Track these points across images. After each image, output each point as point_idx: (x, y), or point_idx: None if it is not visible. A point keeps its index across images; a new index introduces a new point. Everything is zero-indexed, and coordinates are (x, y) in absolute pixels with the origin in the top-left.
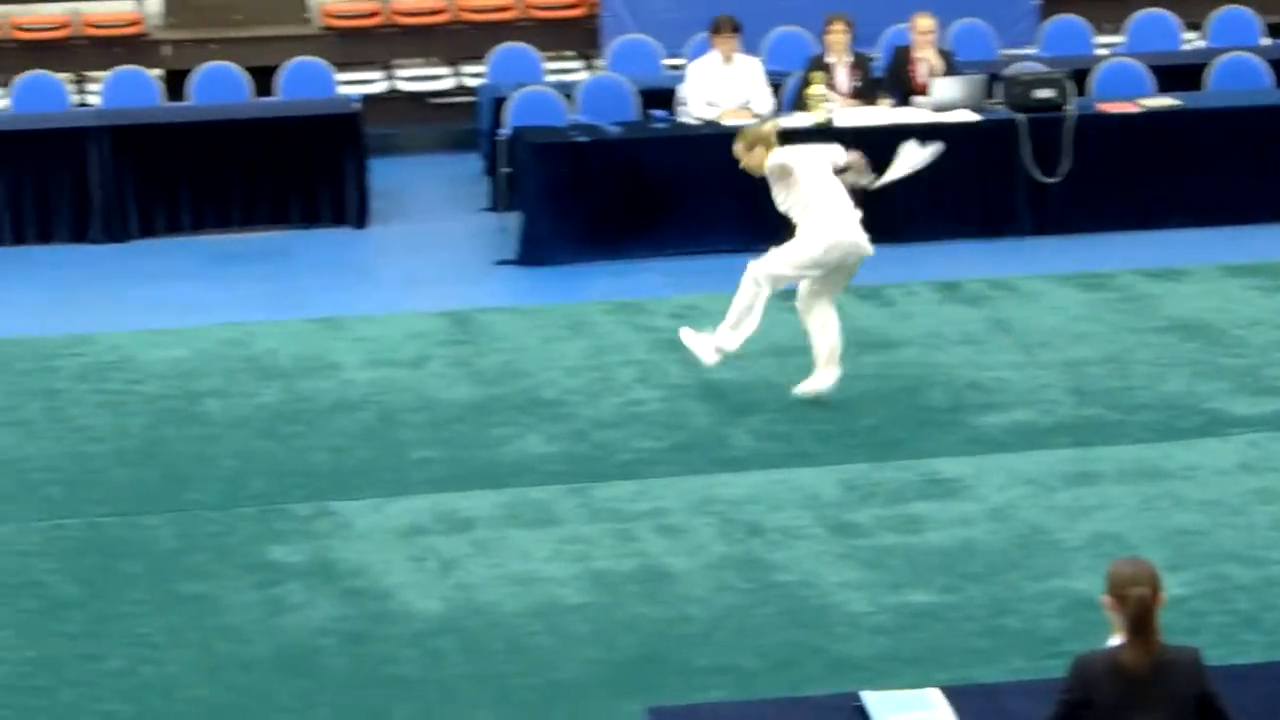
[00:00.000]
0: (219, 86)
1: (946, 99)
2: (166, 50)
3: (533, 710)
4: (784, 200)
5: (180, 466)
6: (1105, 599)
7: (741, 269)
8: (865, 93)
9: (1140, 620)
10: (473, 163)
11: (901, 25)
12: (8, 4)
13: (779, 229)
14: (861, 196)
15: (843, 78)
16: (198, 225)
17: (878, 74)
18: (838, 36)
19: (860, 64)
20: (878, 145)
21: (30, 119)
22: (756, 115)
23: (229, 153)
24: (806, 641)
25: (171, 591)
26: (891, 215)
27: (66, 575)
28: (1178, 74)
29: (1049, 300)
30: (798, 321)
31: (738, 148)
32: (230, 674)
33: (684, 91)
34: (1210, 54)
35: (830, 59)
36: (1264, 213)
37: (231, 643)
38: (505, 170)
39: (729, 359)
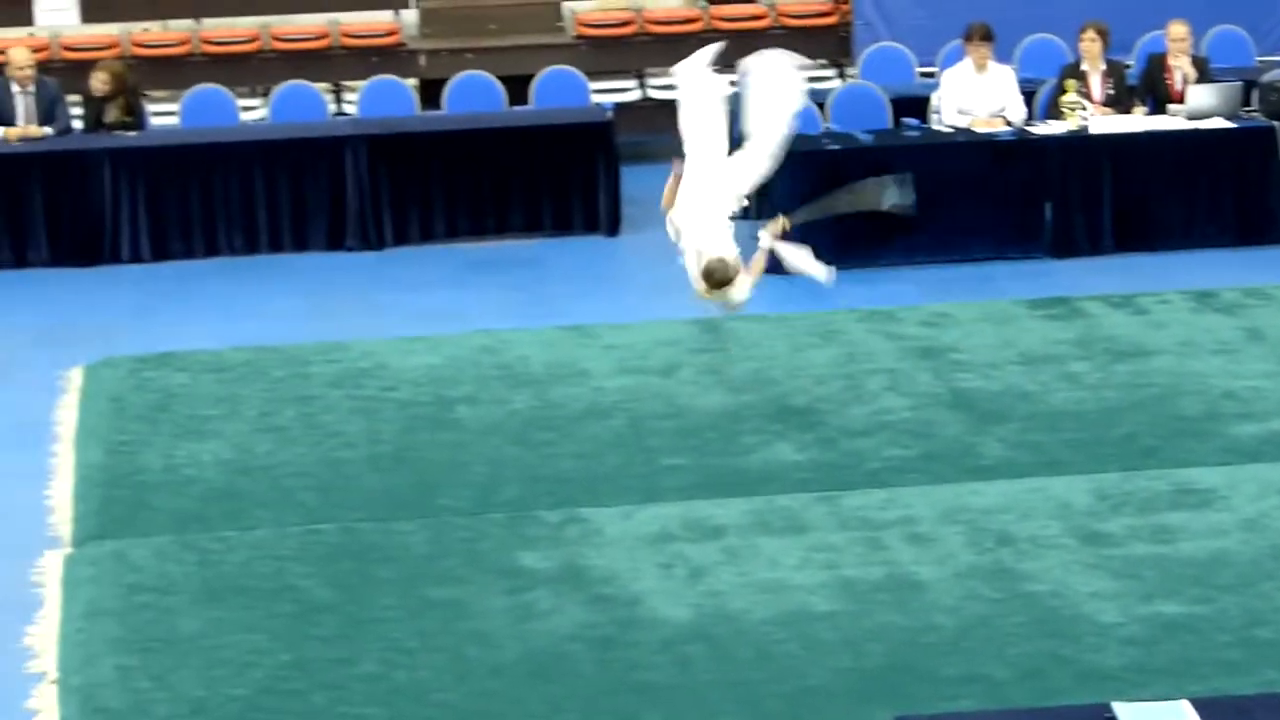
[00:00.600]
0: (473, 95)
1: (1201, 107)
2: (422, 60)
3: (780, 718)
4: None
5: (432, 472)
6: None
7: (993, 277)
8: (1119, 101)
9: None
10: None
11: (1156, 33)
12: (267, 15)
13: (1033, 236)
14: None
15: (1096, 85)
16: (451, 233)
17: (1132, 82)
18: (1090, 45)
19: (1114, 72)
20: (1130, 154)
21: (288, 128)
22: (1009, 123)
23: (482, 161)
24: (1056, 651)
25: (423, 596)
26: (1145, 223)
27: (321, 580)
28: None
29: None
30: (1049, 329)
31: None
32: (480, 679)
33: (937, 100)
34: None
35: (1084, 67)
36: None
37: (482, 648)
38: None
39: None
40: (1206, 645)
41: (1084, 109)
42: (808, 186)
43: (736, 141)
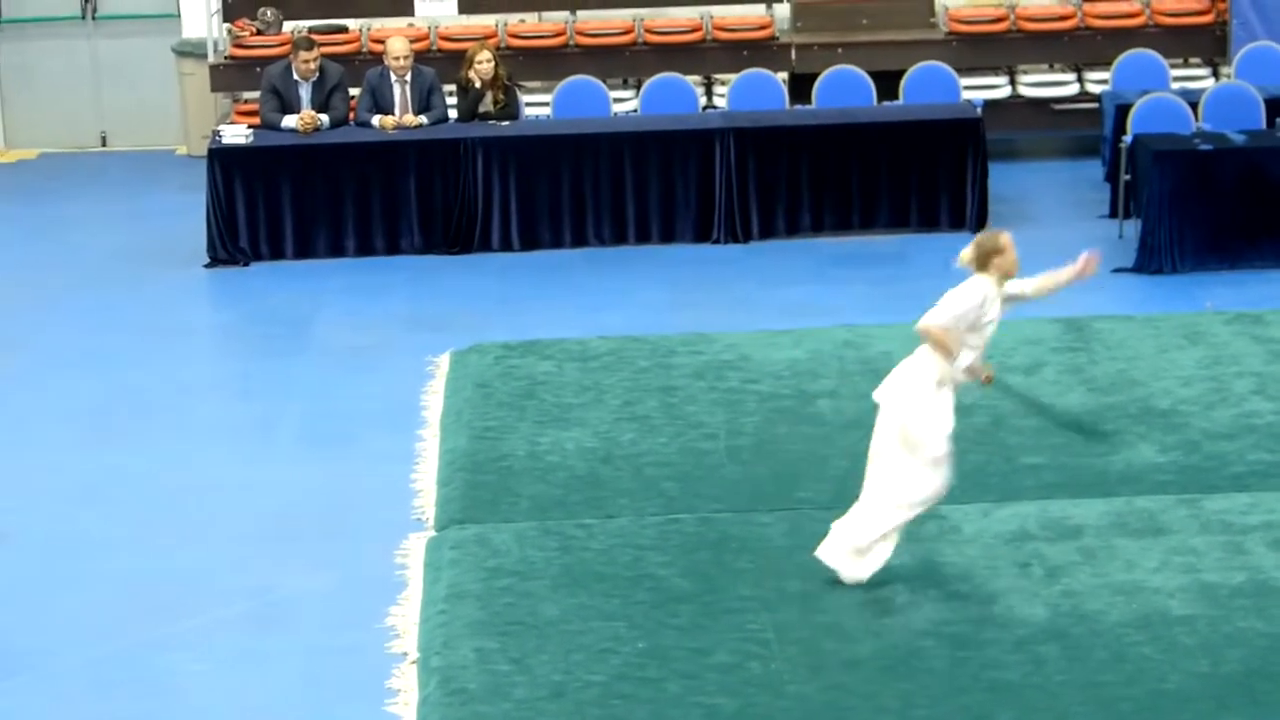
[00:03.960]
0: (843, 90)
1: None
2: (793, 54)
3: None
4: None
5: (792, 465)
6: None
7: None
8: None
9: None
10: (1094, 169)
11: None
12: (641, 8)
13: None
14: None
15: None
16: (817, 228)
17: None
18: None
19: None
20: None
21: (658, 120)
22: None
23: (850, 156)
24: None
25: (780, 588)
26: None
27: (679, 569)
28: None
29: None
30: None
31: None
32: (834, 672)
33: None
34: None
35: None
36: None
37: (837, 641)
38: (1126, 178)
39: None
40: None
41: None
42: (1177, 185)
43: None
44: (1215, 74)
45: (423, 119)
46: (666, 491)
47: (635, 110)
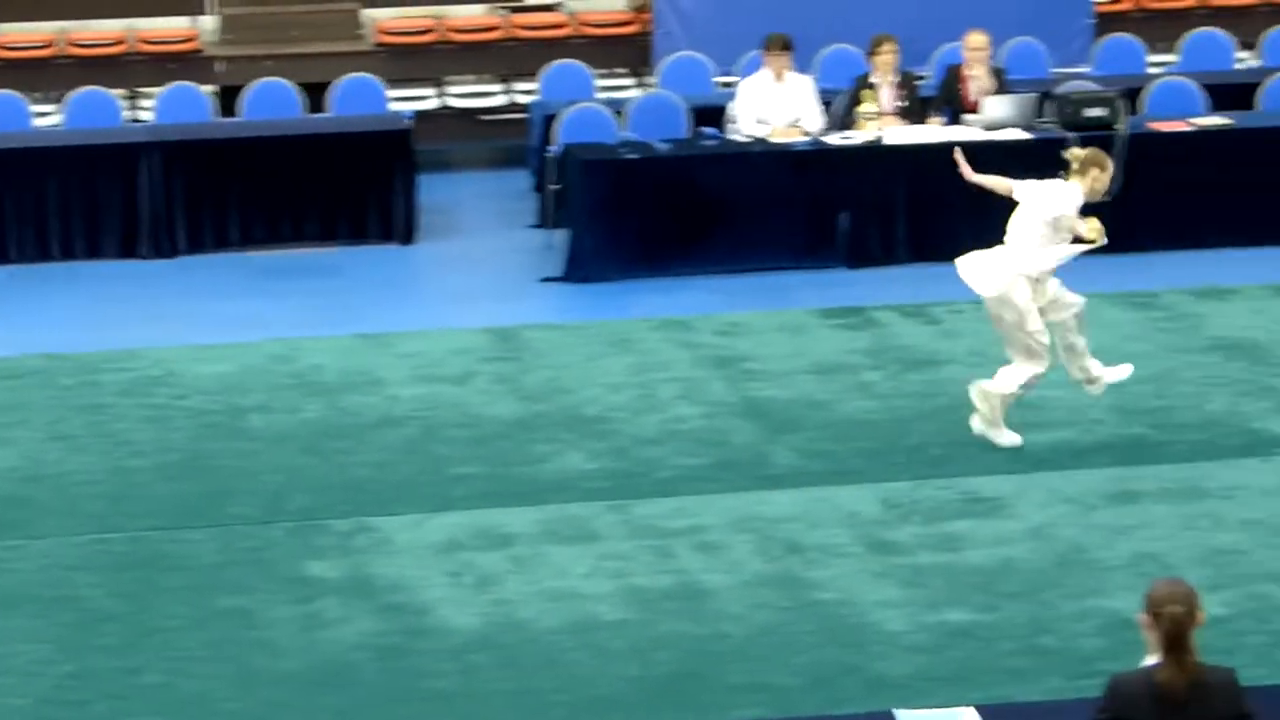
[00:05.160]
0: (272, 103)
1: (997, 117)
2: (220, 66)
3: None
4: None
5: (222, 481)
6: (1141, 617)
7: (789, 286)
8: (911, 111)
9: (1174, 639)
10: (522, 179)
11: (955, 44)
12: (64, 20)
13: (828, 246)
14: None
15: (887, 96)
16: (246, 241)
17: (928, 92)
18: (886, 57)
19: (906, 83)
20: (924, 165)
21: (82, 134)
22: (806, 133)
23: (279, 169)
24: (843, 660)
25: (210, 606)
26: (939, 233)
27: (107, 589)
28: (1231, 93)
29: (1096, 319)
30: (842, 339)
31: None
32: (266, 689)
33: (734, 109)
34: (1263, 73)
35: (875, 79)
36: None
37: (268, 657)
38: (554, 187)
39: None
40: (991, 653)
41: (879, 119)
42: (604, 194)
43: None
44: (640, 83)
45: None
46: (95, 511)
47: (59, 124)
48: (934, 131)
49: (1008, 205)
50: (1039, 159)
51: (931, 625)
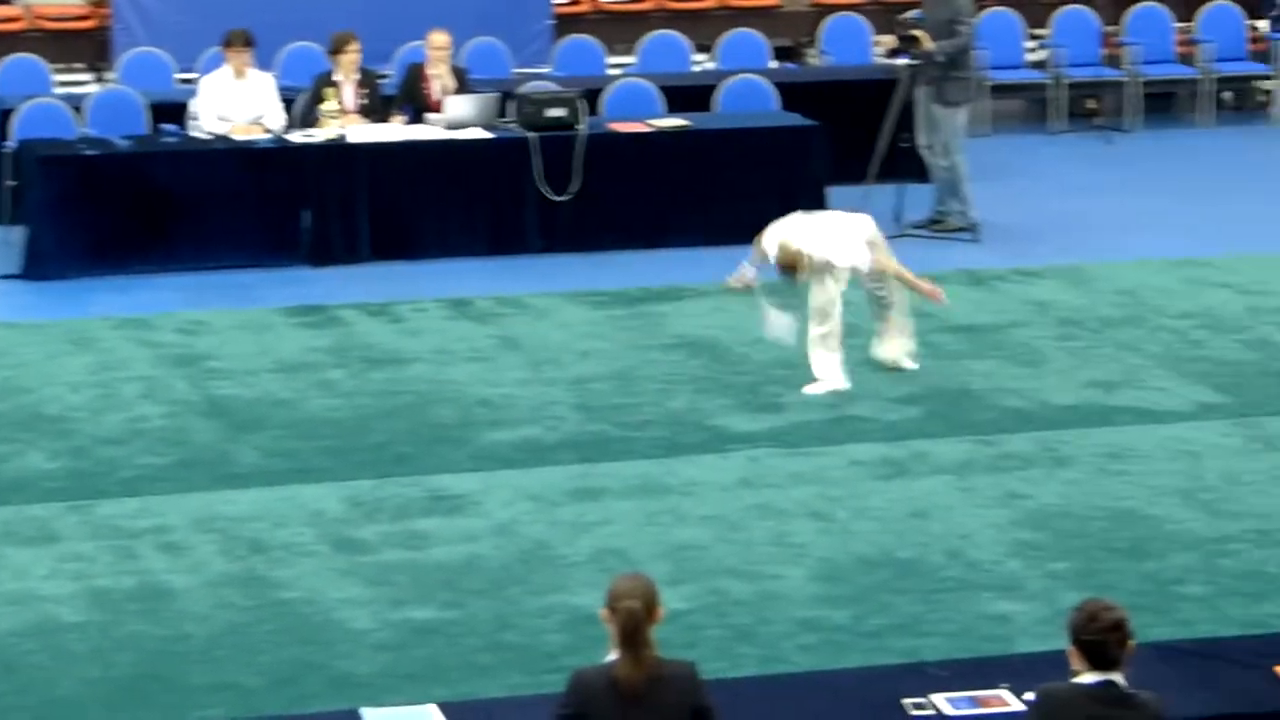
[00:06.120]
0: None
1: (459, 117)
2: None
3: None
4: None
5: None
6: (603, 612)
7: (251, 285)
8: (374, 110)
9: (630, 633)
10: None
11: (417, 43)
12: None
13: (291, 244)
14: None
15: (349, 95)
16: None
17: (390, 91)
18: (349, 56)
19: (367, 81)
20: (387, 163)
21: None
22: (268, 130)
23: None
24: (308, 658)
25: None
26: (402, 232)
27: None
28: (688, 95)
29: (557, 317)
30: (305, 337)
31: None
32: None
33: (195, 106)
34: (719, 76)
35: (338, 77)
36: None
37: None
38: (10, 184)
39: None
40: (456, 649)
41: (340, 117)
42: (62, 190)
43: None
44: (99, 79)
45: None
46: None
47: None
48: (396, 130)
49: (469, 204)
50: (500, 158)
51: (397, 623)
